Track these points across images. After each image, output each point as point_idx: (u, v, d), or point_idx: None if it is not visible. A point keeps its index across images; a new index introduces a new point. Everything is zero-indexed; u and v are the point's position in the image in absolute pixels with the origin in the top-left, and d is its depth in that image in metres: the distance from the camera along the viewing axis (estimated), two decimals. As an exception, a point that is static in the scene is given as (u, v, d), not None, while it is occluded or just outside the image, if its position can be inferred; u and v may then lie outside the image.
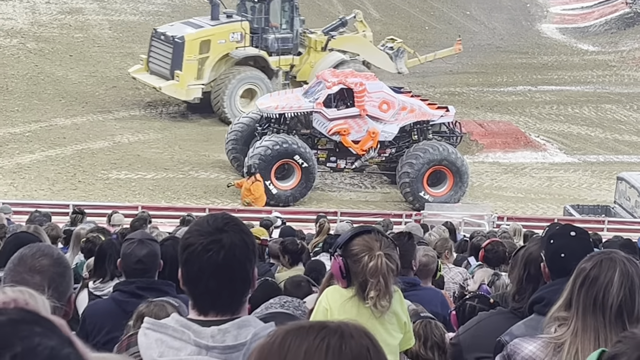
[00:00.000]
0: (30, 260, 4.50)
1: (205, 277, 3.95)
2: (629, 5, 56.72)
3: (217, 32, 38.01)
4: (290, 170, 31.40)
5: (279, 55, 38.92)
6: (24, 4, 51.33)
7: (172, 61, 37.32)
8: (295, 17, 39.57)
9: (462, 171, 32.19)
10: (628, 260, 4.43)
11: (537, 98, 44.40)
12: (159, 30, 38.89)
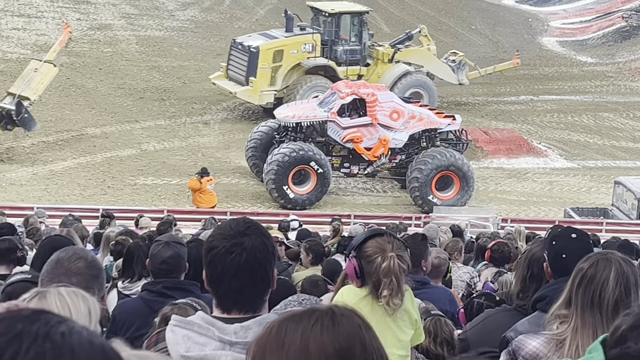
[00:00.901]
0: (67, 263, 4.51)
1: (228, 278, 3.97)
2: (625, 20, 56.57)
3: (289, 43, 38.78)
4: (306, 175, 31.39)
5: (347, 66, 39.46)
6: (56, 20, 51.47)
7: (248, 69, 38.11)
8: (363, 31, 40.14)
9: (468, 176, 32.15)
10: (624, 260, 4.42)
11: (539, 107, 44.33)
12: (237, 40, 39.84)
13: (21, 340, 1.64)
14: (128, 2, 55.69)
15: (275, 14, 55.03)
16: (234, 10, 55.55)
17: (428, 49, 41.93)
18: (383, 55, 40.23)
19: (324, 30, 39.64)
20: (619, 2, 59.94)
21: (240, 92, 38.00)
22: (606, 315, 4.34)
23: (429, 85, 40.36)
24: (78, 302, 3.71)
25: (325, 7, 40.59)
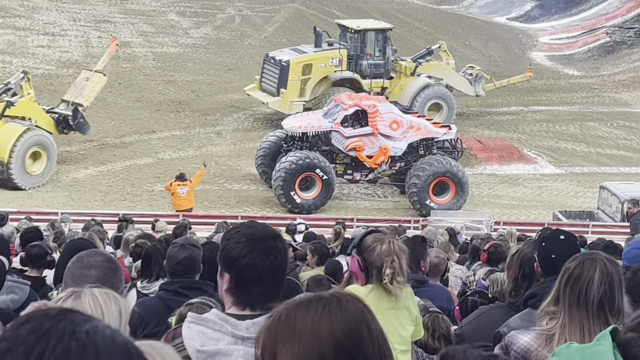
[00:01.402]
0: (86, 258, 4.54)
1: (265, 280, 3.96)
2: (609, 35, 56.56)
3: (318, 57, 39.22)
4: (312, 182, 31.40)
5: (371, 79, 39.78)
6: (78, 38, 51.58)
7: (279, 81, 38.58)
8: (387, 47, 40.46)
9: (463, 182, 32.14)
10: (608, 260, 4.42)
11: (529, 117, 44.31)
12: (270, 54, 40.29)
13: (49, 338, 1.65)
14: (145, 21, 55.78)
15: (282, 31, 55.17)
16: (244, 28, 55.60)
17: (447, 63, 42.27)
18: (405, 68, 40.55)
19: (350, 46, 40.01)
20: (603, 19, 59.93)
21: (272, 103, 38.45)
22: (592, 312, 4.34)
23: (448, 96, 40.62)
24: (110, 302, 3.71)
25: (351, 24, 41.38)
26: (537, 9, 63.29)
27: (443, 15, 56.91)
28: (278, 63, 39.02)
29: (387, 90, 40.23)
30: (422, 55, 41.72)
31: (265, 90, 39.34)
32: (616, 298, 4.35)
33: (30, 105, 32.21)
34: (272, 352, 2.49)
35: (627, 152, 40.67)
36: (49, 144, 31.88)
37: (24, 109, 31.74)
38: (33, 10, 56.07)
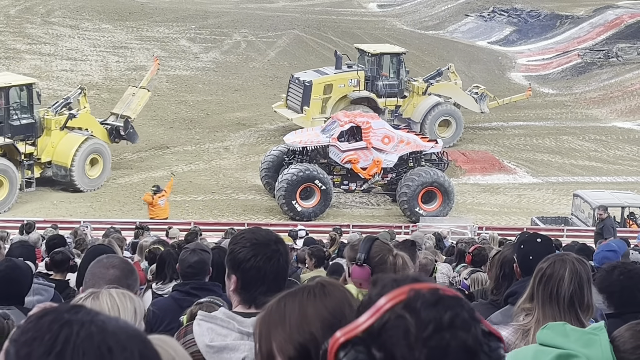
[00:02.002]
0: (105, 260, 4.56)
1: (269, 281, 3.96)
2: (581, 57, 56.62)
3: (338, 78, 39.69)
4: (311, 192, 31.39)
5: (386, 98, 40.11)
6: (99, 63, 51.63)
7: (302, 99, 39.09)
8: (401, 69, 40.77)
9: (449, 191, 32.13)
10: (577, 260, 4.43)
11: (508, 132, 44.32)
12: (294, 75, 40.91)
13: (71, 326, 1.68)
14: (159, 47, 55.83)
15: (283, 55, 55.21)
16: (249, 53, 55.66)
17: (455, 83, 42.49)
18: (418, 88, 40.83)
19: (367, 68, 40.40)
20: (575, 42, 60.01)
21: (296, 119, 38.72)
22: (563, 308, 4.34)
23: (456, 113, 41.02)
24: (125, 301, 3.73)
25: (369, 48, 41.90)
26: (515, 34, 63.37)
27: (430, 40, 56.98)
28: (302, 83, 39.50)
29: (401, 108, 40.66)
30: (433, 76, 42.08)
31: (291, 108, 39.83)
32: (585, 295, 4.36)
33: (87, 118, 33.42)
34: (267, 337, 2.54)
35: (598, 163, 40.68)
36: (105, 152, 33.17)
37: (83, 120, 32.88)
38: (57, 38, 56.14)
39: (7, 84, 30.95)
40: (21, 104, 31.17)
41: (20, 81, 31.99)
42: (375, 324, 1.97)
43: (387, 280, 2.09)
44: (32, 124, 31.29)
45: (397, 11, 69.19)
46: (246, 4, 67.95)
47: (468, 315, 1.96)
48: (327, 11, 66.99)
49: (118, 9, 63.34)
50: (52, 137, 31.70)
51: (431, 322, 1.92)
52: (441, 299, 1.98)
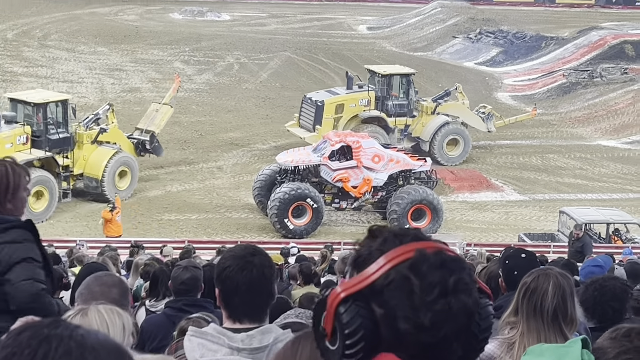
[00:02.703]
0: (105, 277, 4.56)
1: (242, 292, 3.96)
2: (565, 77, 56.79)
3: (349, 98, 39.91)
4: (303, 210, 31.38)
5: (395, 117, 40.24)
6: (94, 85, 51.63)
7: (315, 119, 39.25)
8: (410, 89, 40.95)
9: (438, 208, 32.17)
10: (561, 275, 4.44)
11: (496, 150, 44.39)
12: (307, 95, 40.94)
13: (50, 341, 1.67)
14: (154, 69, 55.89)
15: (275, 77, 55.30)
16: (242, 74, 55.73)
17: (463, 103, 42.59)
18: (426, 108, 40.98)
19: (377, 88, 40.59)
20: (560, 63, 60.22)
21: (308, 138, 38.72)
22: (547, 321, 4.34)
23: (464, 132, 41.28)
24: (114, 317, 3.73)
25: (379, 69, 42.05)
26: (501, 55, 63.58)
27: (418, 61, 57.07)
28: (314, 103, 39.70)
29: (410, 127, 40.79)
30: (441, 96, 42.19)
31: (303, 127, 39.94)
32: (568, 308, 4.36)
33: (116, 132, 34.56)
34: None
35: (584, 181, 40.76)
36: (133, 164, 34.31)
37: (112, 135, 34.06)
38: (54, 61, 56.17)
39: (45, 100, 32.66)
40: (57, 119, 32.60)
41: (56, 97, 33.86)
42: (378, 280, 1.98)
43: (388, 234, 2.08)
44: (68, 137, 32.66)
45: (387, 33, 69.38)
46: (239, 27, 68.10)
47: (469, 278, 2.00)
48: (318, 33, 67.16)
49: (113, 32, 63.42)
50: (84, 150, 32.99)
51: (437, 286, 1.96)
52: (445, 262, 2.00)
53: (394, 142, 39.12)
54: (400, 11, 74.58)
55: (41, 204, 31.13)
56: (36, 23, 64.81)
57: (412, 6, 75.31)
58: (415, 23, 70.87)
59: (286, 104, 49.81)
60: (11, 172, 5.00)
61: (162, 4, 74.04)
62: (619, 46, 60.46)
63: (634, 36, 62.90)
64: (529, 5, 79.90)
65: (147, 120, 36.63)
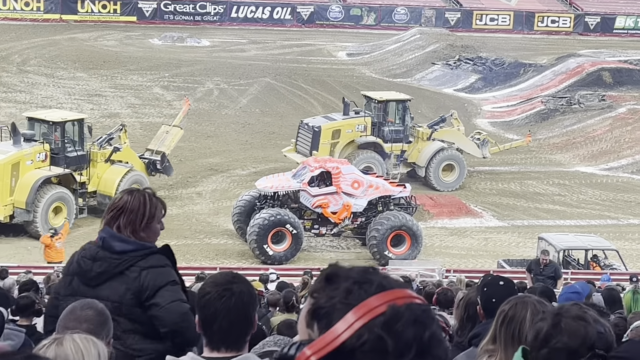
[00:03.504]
0: (79, 311, 4.49)
1: (220, 319, 3.95)
2: (544, 104, 57.08)
3: (345, 124, 40.24)
4: (282, 236, 31.35)
5: (392, 143, 40.47)
6: (73, 110, 51.36)
7: (312, 144, 39.55)
8: (406, 115, 41.31)
9: (418, 234, 32.22)
10: (538, 302, 4.45)
11: (475, 176, 44.51)
12: (304, 121, 41.41)
13: None
14: (133, 94, 55.83)
15: (255, 102, 55.31)
16: (221, 100, 55.72)
17: (458, 129, 43.06)
18: (422, 134, 41.38)
19: (374, 114, 40.87)
20: (538, 90, 60.55)
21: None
22: None
23: (459, 158, 41.67)
24: (89, 346, 3.71)
25: (375, 95, 42.48)
26: (480, 81, 63.90)
27: (398, 87, 57.22)
28: (311, 129, 39.99)
29: (406, 153, 41.11)
30: (437, 123, 42.60)
31: (300, 152, 40.10)
32: None
33: (128, 151, 35.87)
34: None
35: (562, 207, 40.95)
36: (144, 182, 34.78)
37: (124, 154, 35.41)
38: (32, 86, 56.00)
39: (63, 119, 34.17)
40: (74, 137, 34.04)
41: (73, 117, 35.33)
42: (348, 340, 1.86)
43: (349, 282, 1.95)
44: (84, 155, 34.11)
45: (366, 59, 69.63)
46: (219, 53, 68.17)
47: (439, 329, 1.94)
48: (298, 60, 67.33)
49: (92, 57, 63.32)
50: (98, 168, 34.31)
51: (412, 345, 1.87)
52: (418, 317, 1.91)
53: (390, 168, 39.95)
54: (380, 38, 74.90)
55: (60, 220, 32.16)
56: (15, 48, 64.63)
57: (392, 33, 75.67)
58: (394, 50, 71.17)
59: (266, 130, 49.86)
60: (149, 203, 5.40)
61: (142, 30, 74.06)
62: (596, 73, 60.92)
63: (612, 63, 63.46)
64: (507, 33, 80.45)
65: (157, 142, 37.83)
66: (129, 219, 5.35)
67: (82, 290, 5.19)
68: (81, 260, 5.39)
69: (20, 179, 31.79)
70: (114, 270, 5.21)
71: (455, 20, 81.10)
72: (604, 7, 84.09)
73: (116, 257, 5.23)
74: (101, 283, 5.21)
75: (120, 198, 5.41)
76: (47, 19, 73.50)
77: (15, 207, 31.74)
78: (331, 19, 79.68)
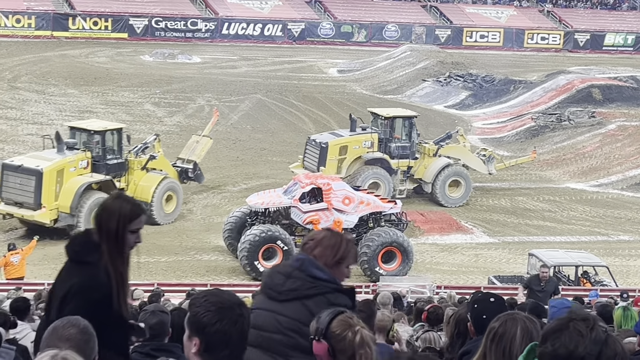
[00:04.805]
0: (61, 330, 4.46)
1: (232, 344, 3.93)
2: (534, 120, 57.24)
3: (352, 140, 40.46)
4: (273, 252, 31.30)
5: (398, 159, 40.69)
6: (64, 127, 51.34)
7: (319, 160, 39.85)
8: (412, 131, 41.50)
9: (408, 251, 32.21)
10: (527, 319, 4.46)
11: (465, 193, 44.47)
12: (311, 137, 41.83)
13: None
14: (124, 111, 55.80)
15: (246, 119, 55.35)
16: (212, 116, 55.68)
17: (464, 145, 43.39)
18: (429, 150, 41.64)
19: (380, 130, 41.09)
20: (528, 106, 60.74)
21: None
22: None
23: (465, 174, 41.91)
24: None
25: (382, 112, 42.75)
26: (470, 98, 64.07)
27: (388, 104, 57.32)
28: (318, 145, 40.22)
29: (413, 169, 41.35)
30: (443, 139, 42.89)
31: (307, 168, 40.16)
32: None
33: (163, 160, 37.45)
34: None
35: (552, 223, 41.01)
36: (178, 189, 37.20)
37: (159, 162, 36.99)
38: (23, 103, 55.92)
39: (103, 128, 36.05)
40: (114, 146, 35.85)
41: (112, 126, 37.24)
42: None
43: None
44: (123, 163, 35.88)
45: (357, 76, 69.77)
46: (210, 69, 68.24)
47: None
48: (289, 76, 67.43)
49: (84, 74, 63.31)
50: (135, 176, 35.99)
51: None
52: None
53: (397, 184, 40.30)
54: (371, 54, 75.12)
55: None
56: (6, 65, 64.58)
57: (382, 50, 75.90)
58: (385, 66, 71.36)
59: (257, 147, 49.86)
60: (344, 245, 5.55)
61: (133, 47, 74.12)
62: (586, 90, 61.15)
63: (601, 80, 63.70)
64: (497, 50, 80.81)
65: (188, 151, 39.37)
66: (322, 253, 5.48)
67: (266, 304, 5.32)
68: (274, 274, 5.48)
69: (64, 185, 33.57)
70: (305, 292, 5.27)
71: (446, 37, 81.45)
72: (594, 24, 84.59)
73: (310, 280, 5.31)
74: (289, 300, 5.26)
75: (320, 232, 5.69)
76: (38, 35, 73.53)
77: (60, 212, 33.49)
78: (322, 36, 79.92)
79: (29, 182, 33.38)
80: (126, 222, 5.75)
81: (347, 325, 4.69)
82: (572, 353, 3.22)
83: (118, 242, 5.66)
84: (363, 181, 38.77)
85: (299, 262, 5.44)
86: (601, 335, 3.25)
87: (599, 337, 3.25)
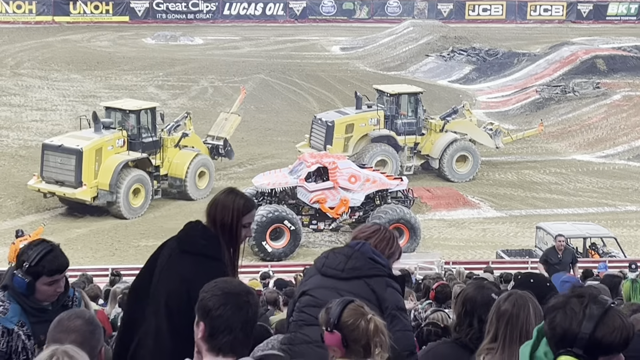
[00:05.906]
0: (66, 321, 4.46)
1: (237, 330, 3.95)
2: (538, 93, 57.10)
3: (359, 118, 40.62)
4: (281, 232, 31.36)
5: (405, 135, 40.76)
6: (68, 112, 51.36)
7: (325, 139, 40.03)
8: (418, 107, 41.48)
9: (416, 227, 32.22)
10: (533, 297, 4.46)
11: (471, 167, 44.43)
12: (317, 116, 42.08)
13: None
14: (128, 95, 55.63)
15: (250, 99, 55.15)
16: (216, 98, 55.68)
17: (470, 120, 43.33)
18: (435, 126, 41.64)
19: (386, 107, 41.11)
20: (532, 79, 60.58)
21: None
22: None
23: (473, 149, 41.97)
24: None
25: (387, 89, 42.74)
26: (474, 72, 63.91)
27: (392, 80, 57.16)
28: (324, 123, 40.33)
29: (419, 145, 41.38)
30: (449, 114, 42.75)
31: (314, 147, 40.27)
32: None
33: (195, 137, 38.48)
34: None
35: (559, 195, 40.97)
36: (210, 165, 38.43)
37: (191, 139, 38.11)
38: (27, 89, 55.92)
39: (138, 107, 37.06)
40: (148, 125, 36.61)
41: (146, 105, 38.12)
42: None
43: None
44: (157, 141, 36.80)
45: (360, 53, 69.58)
46: (212, 51, 68.12)
47: None
48: (292, 55, 67.27)
49: (86, 59, 63.26)
50: (168, 153, 37.05)
51: None
52: None
53: (404, 161, 40.37)
54: (373, 31, 74.87)
55: (138, 200, 35.40)
56: (8, 52, 64.53)
57: (385, 26, 75.64)
58: (388, 43, 71.14)
59: (261, 127, 49.82)
60: (396, 241, 5.93)
61: (135, 30, 73.98)
62: (590, 61, 60.94)
63: (605, 51, 63.47)
64: (500, 23, 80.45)
65: (217, 128, 40.18)
66: (378, 244, 5.79)
67: (326, 282, 5.47)
68: (333, 255, 5.66)
69: (103, 163, 34.67)
70: (367, 271, 5.50)
71: (448, 11, 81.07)
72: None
73: (371, 262, 5.55)
74: (351, 278, 5.46)
75: (374, 225, 6.02)
76: (39, 21, 73.44)
77: (99, 189, 34.56)
78: (324, 14, 79.63)
79: (69, 161, 34.48)
80: (240, 216, 5.75)
81: (359, 314, 4.62)
82: (566, 331, 3.26)
83: (232, 236, 5.64)
84: (370, 159, 38.76)
85: (358, 244, 5.65)
86: (595, 312, 3.27)
87: (593, 313, 3.28)
